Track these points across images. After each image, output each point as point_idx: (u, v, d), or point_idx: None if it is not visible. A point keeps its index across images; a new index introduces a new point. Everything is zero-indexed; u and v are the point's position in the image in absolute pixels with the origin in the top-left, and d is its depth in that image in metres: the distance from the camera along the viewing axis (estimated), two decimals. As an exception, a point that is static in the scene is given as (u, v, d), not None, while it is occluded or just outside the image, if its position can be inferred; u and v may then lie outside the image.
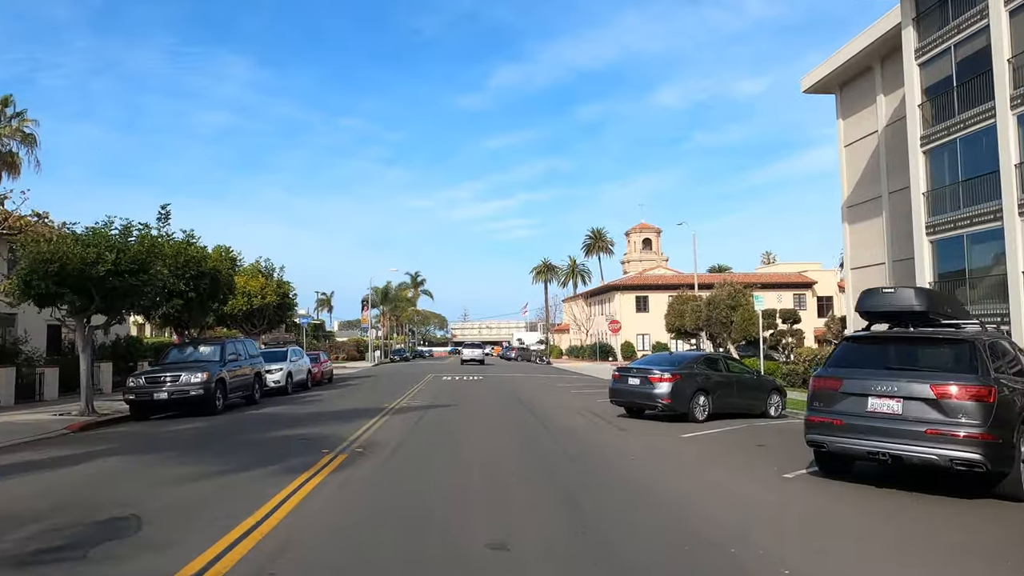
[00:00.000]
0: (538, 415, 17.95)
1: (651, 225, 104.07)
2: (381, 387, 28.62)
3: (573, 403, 21.59)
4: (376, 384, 31.39)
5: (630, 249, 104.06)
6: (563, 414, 18.11)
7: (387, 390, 27.00)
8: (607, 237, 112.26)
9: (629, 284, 63.86)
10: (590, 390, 27.35)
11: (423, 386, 29.15)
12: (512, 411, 19.20)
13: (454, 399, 22.92)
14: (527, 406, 20.60)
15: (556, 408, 19.86)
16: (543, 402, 22.15)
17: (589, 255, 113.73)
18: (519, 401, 22.53)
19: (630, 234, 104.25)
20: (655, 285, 64.10)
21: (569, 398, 23.70)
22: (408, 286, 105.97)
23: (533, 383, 32.97)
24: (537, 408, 19.91)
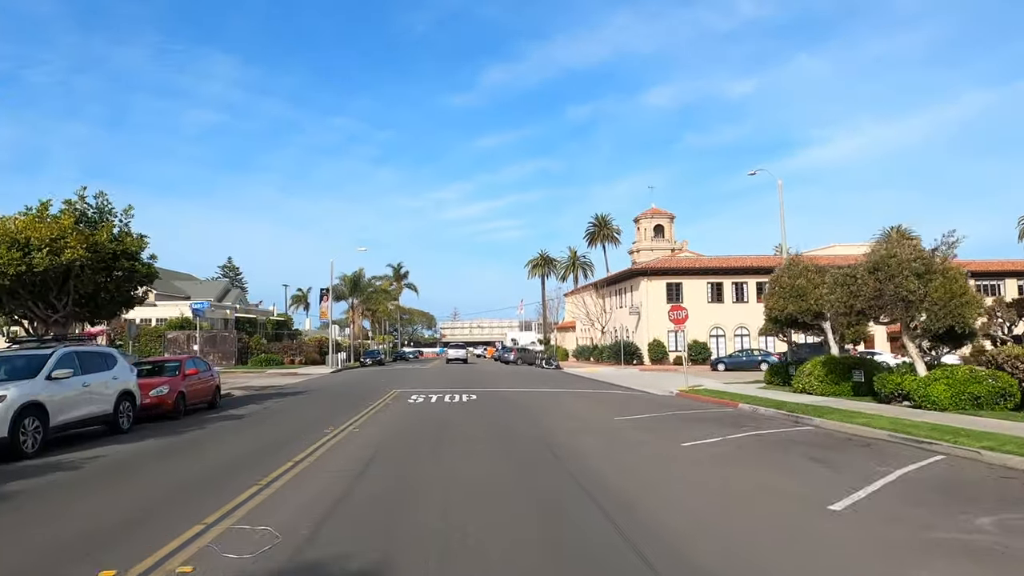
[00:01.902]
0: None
1: (663, 210, 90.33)
2: (264, 435, 14.10)
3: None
4: (274, 420, 16.87)
5: (639, 237, 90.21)
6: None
7: (264, 444, 12.76)
8: (613, 224, 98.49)
9: (658, 268, 49.68)
10: (704, 430, 13.81)
11: (357, 427, 14.90)
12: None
13: (393, 509, 8.90)
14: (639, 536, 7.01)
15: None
16: (663, 496, 8.45)
17: (593, 244, 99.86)
18: (582, 491, 8.52)
19: (640, 220, 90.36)
20: (691, 270, 49.88)
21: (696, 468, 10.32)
22: (390, 279, 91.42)
23: (562, 407, 19.85)
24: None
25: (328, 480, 8.65)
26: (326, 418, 16.11)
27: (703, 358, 48.32)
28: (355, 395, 23.73)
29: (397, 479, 8.79)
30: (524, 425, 14.74)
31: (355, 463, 9.89)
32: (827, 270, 21.79)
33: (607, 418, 16.28)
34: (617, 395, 24.20)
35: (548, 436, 12.97)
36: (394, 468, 9.63)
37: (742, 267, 49.87)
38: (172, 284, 67.21)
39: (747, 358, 43.34)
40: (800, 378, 22.07)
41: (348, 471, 9.22)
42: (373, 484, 8.45)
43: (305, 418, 16.57)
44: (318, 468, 9.57)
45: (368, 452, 11.05)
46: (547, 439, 12.54)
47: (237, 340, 49.44)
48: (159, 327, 51.08)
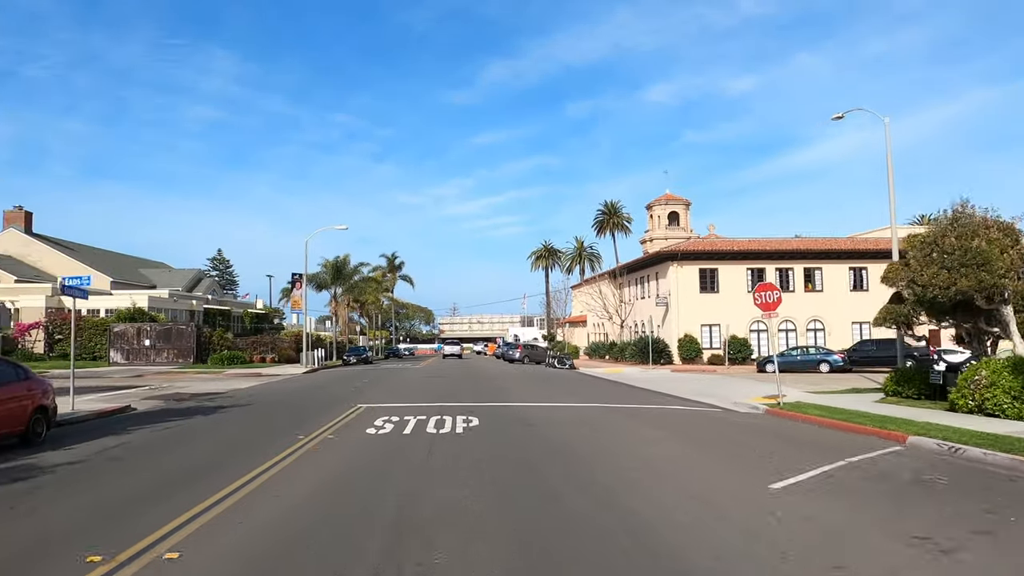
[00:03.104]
0: None
1: (679, 196, 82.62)
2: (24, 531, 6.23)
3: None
4: (96, 481, 8.82)
5: (652, 225, 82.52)
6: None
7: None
8: (623, 212, 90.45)
9: (690, 251, 41.78)
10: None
11: (227, 508, 6.92)
12: None
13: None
14: None
15: None
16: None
17: (601, 234, 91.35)
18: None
19: (653, 207, 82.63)
20: (728, 253, 41.96)
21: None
22: (383, 269, 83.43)
23: (633, 447, 11.83)
24: None
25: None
26: (206, 470, 8.34)
27: (743, 357, 40.48)
28: (301, 414, 15.83)
29: None
30: (592, 512, 6.86)
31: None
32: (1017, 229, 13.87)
33: (745, 483, 8.36)
34: (683, 415, 16.34)
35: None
36: None
37: (788, 251, 42.02)
38: (137, 272, 59.32)
39: (803, 357, 35.46)
40: (970, 391, 14.18)
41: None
42: None
43: (167, 472, 8.77)
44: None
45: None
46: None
47: (196, 334, 41.50)
48: (107, 319, 43.16)
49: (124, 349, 41.00)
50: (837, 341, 41.03)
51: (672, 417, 15.64)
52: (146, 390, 24.45)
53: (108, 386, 25.85)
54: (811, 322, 42.19)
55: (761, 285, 17.71)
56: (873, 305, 44.37)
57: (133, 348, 41.01)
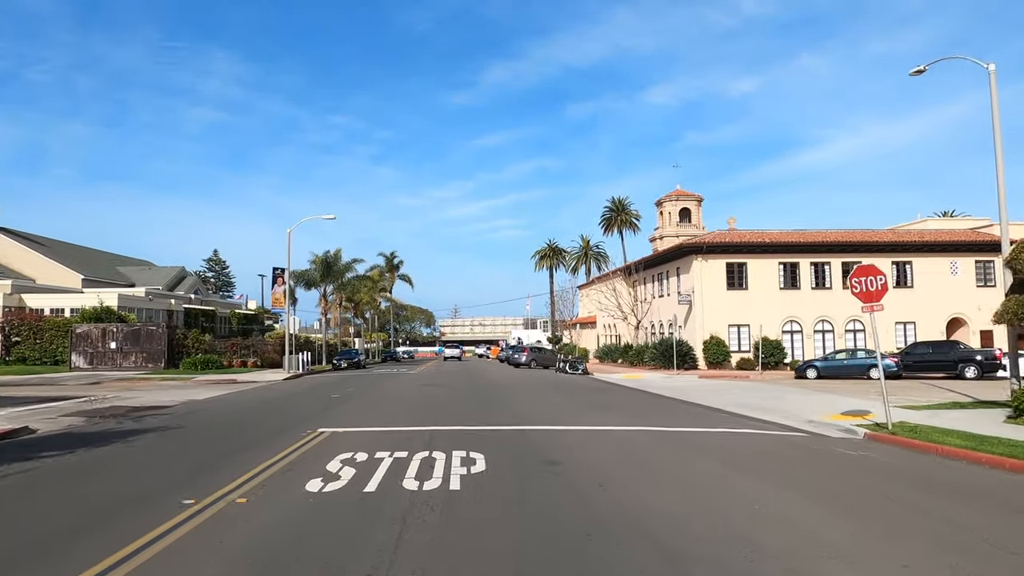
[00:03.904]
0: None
1: (690, 192, 78.25)
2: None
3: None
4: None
5: (662, 222, 78.16)
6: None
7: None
8: (631, 209, 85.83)
9: (716, 243, 37.13)
10: None
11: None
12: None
13: None
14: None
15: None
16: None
17: (609, 231, 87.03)
18: None
19: (663, 204, 78.19)
20: (758, 246, 37.36)
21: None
22: (381, 268, 78.97)
23: (762, 529, 7.40)
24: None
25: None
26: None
27: (776, 361, 35.85)
28: (233, 444, 11.28)
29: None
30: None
31: None
32: None
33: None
34: (764, 445, 11.75)
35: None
36: None
37: (824, 243, 37.44)
38: (115, 269, 54.81)
39: (850, 362, 30.83)
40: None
41: None
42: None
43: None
44: None
45: None
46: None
47: (168, 336, 36.93)
48: (71, 319, 38.63)
49: (88, 352, 36.46)
50: (863, 340, 36.44)
51: (752, 449, 11.06)
52: (80, 403, 19.94)
53: (42, 396, 21.36)
54: (849, 322, 37.60)
55: (860, 268, 13.14)
56: (918, 303, 40.16)
57: (98, 351, 36.46)
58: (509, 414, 15.62)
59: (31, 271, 45.98)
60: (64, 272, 46.35)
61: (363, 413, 15.80)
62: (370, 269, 71.00)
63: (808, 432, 13.34)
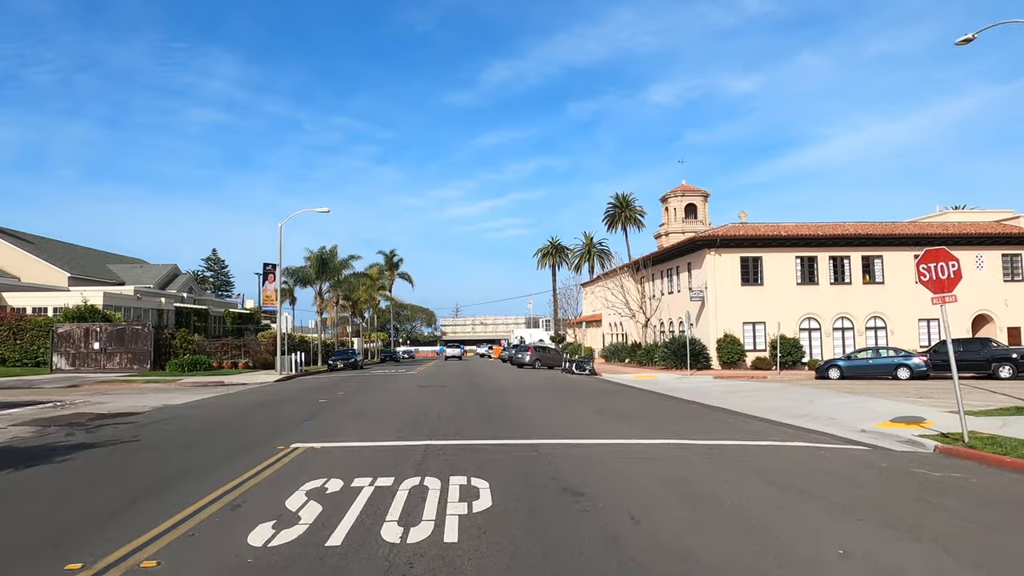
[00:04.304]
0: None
1: (696, 187, 76.22)
2: None
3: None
4: None
5: (667, 219, 76.13)
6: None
7: None
8: (636, 205, 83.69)
9: (729, 237, 35.11)
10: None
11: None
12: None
13: None
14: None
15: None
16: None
17: (613, 228, 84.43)
18: None
19: (668, 199, 76.13)
20: (774, 239, 35.35)
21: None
22: (381, 267, 77.01)
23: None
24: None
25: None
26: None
27: (793, 360, 33.86)
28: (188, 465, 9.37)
29: None
30: None
31: None
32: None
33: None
34: (824, 461, 9.77)
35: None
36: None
37: (843, 236, 35.41)
38: (105, 268, 52.88)
39: (875, 361, 28.85)
40: None
41: None
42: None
43: None
44: None
45: None
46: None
47: (154, 337, 34.99)
48: (54, 318, 36.71)
49: (69, 353, 34.51)
50: (900, 341, 34.46)
51: (808, 467, 9.08)
52: (42, 409, 18.06)
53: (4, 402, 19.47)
54: (870, 319, 35.59)
55: (930, 252, 11.29)
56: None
57: (80, 352, 34.51)
58: (516, 423, 13.66)
59: (16, 269, 44.06)
60: (50, 270, 44.44)
61: (349, 422, 13.84)
62: (369, 267, 69.03)
63: (866, 444, 11.38)
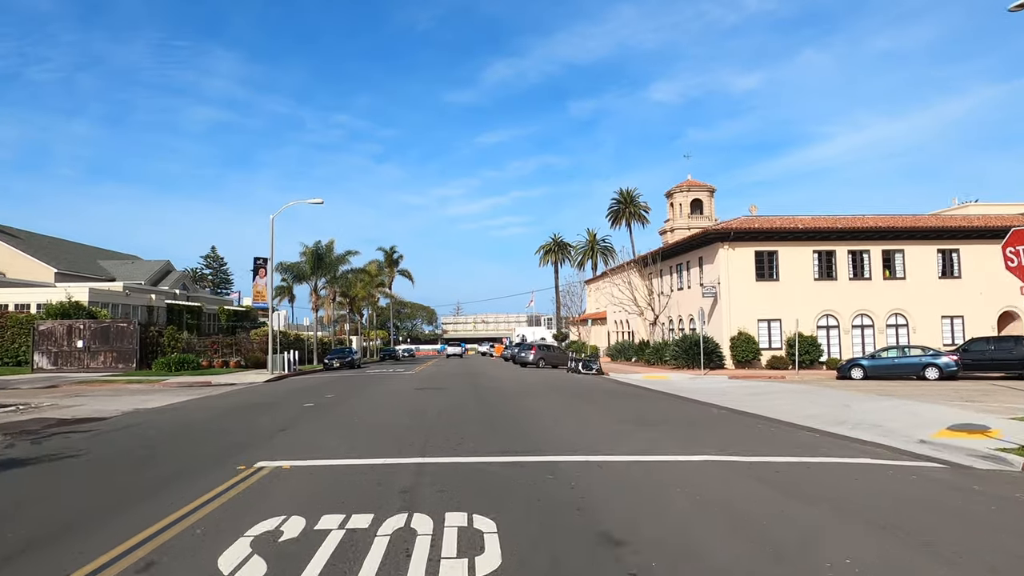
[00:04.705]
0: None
1: (701, 182, 74.37)
2: None
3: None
4: None
5: (672, 214, 74.31)
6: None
7: None
8: (640, 201, 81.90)
9: (743, 230, 33.28)
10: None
11: None
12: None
13: None
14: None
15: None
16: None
17: (616, 224, 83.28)
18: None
19: (673, 195, 74.30)
20: (790, 232, 33.53)
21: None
22: (380, 263, 75.36)
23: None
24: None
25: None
26: None
27: (811, 359, 32.07)
28: (130, 488, 7.62)
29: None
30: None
31: None
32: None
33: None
34: (884, 480, 7.86)
35: None
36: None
37: (862, 229, 33.58)
38: (95, 264, 51.15)
39: (901, 360, 27.07)
40: None
41: None
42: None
43: None
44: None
45: None
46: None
47: (141, 334, 33.23)
48: (37, 315, 34.97)
49: (51, 352, 32.76)
50: (922, 339, 32.66)
51: (881, 492, 7.29)
52: (5, 412, 16.39)
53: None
54: (891, 316, 33.78)
55: (1018, 233, 9.40)
56: (967, 295, 35.76)
57: (62, 351, 32.76)
58: (525, 433, 11.88)
59: (0, 265, 42.35)
60: (36, 266, 42.72)
61: (331, 432, 12.07)
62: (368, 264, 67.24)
63: (938, 460, 9.59)
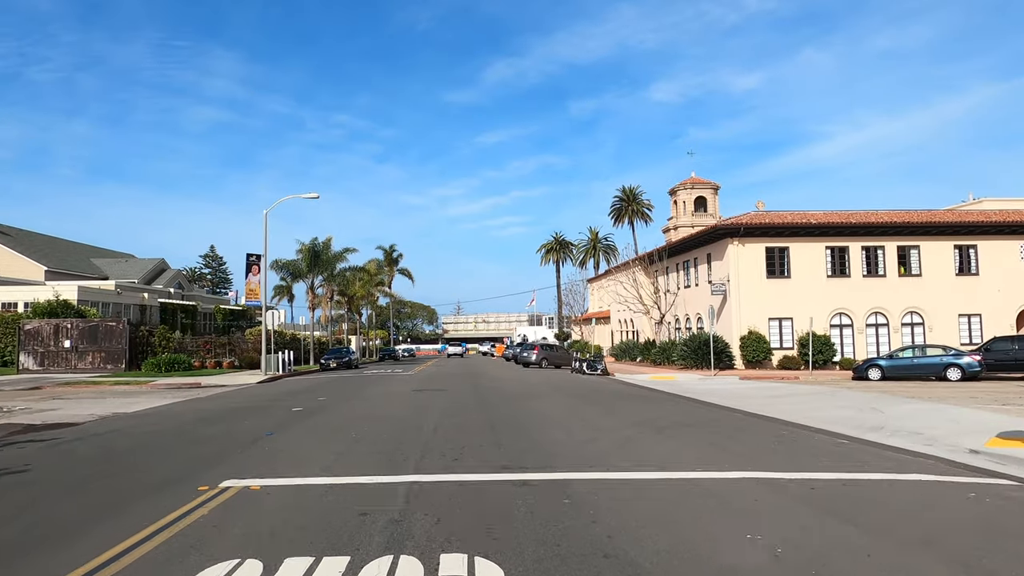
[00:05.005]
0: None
1: (705, 180, 73.11)
2: None
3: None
4: None
5: (676, 212, 73.02)
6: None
7: None
8: (643, 199, 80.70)
9: (754, 225, 32.07)
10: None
11: None
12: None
13: None
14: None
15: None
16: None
17: (619, 222, 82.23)
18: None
19: (676, 192, 73.01)
20: (801, 227, 32.29)
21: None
22: (380, 262, 74.18)
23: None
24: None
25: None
26: None
27: (824, 359, 30.84)
28: (63, 518, 6.38)
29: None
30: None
31: None
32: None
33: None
34: (957, 503, 6.61)
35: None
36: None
37: (876, 224, 32.38)
38: (88, 262, 49.97)
39: (921, 360, 25.86)
40: None
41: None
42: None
43: None
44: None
45: None
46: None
47: (130, 334, 32.05)
48: (25, 313, 33.80)
49: (38, 352, 31.59)
50: (938, 338, 31.44)
51: (961, 519, 6.06)
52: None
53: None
54: (906, 314, 32.56)
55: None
56: (985, 292, 32.74)
57: (49, 351, 31.59)
58: (532, 443, 10.67)
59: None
60: (25, 263, 41.55)
61: (315, 443, 10.86)
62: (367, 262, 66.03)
63: (999, 475, 8.38)
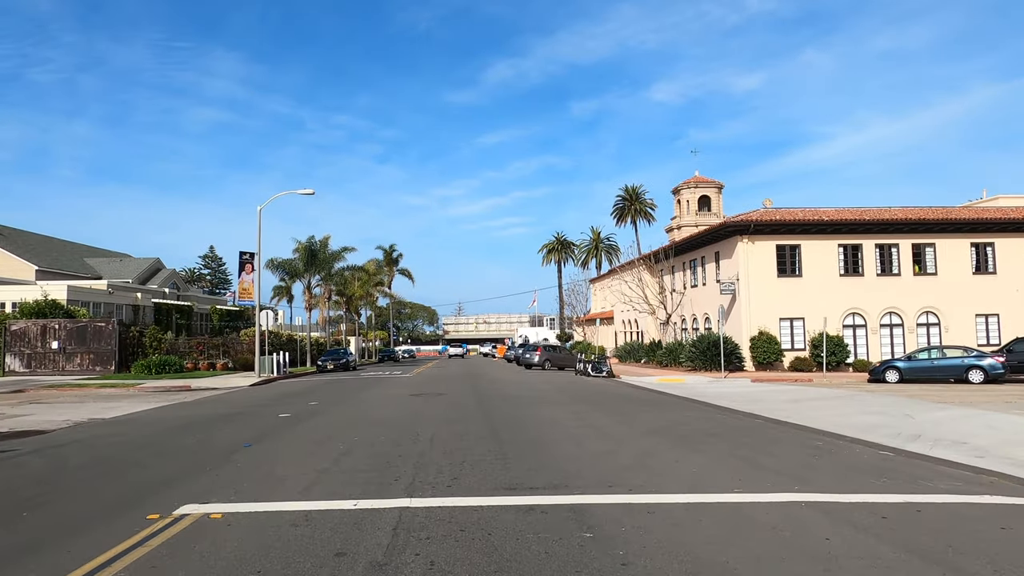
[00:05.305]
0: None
1: (709, 179, 72.00)
2: None
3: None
4: None
5: (680, 211, 71.87)
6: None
7: None
8: (646, 198, 79.50)
9: (764, 222, 30.92)
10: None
11: None
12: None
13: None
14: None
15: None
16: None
17: (622, 222, 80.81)
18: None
19: (680, 191, 71.87)
20: (813, 224, 31.14)
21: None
22: (380, 262, 73.08)
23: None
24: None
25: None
26: None
27: (838, 360, 29.70)
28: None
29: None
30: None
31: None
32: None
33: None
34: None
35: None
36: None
37: (891, 221, 31.21)
38: (81, 261, 48.87)
39: (941, 362, 24.72)
40: None
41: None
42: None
43: None
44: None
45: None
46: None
47: (119, 335, 30.94)
48: (12, 314, 32.70)
49: (25, 354, 30.50)
50: (955, 338, 30.29)
51: None
52: None
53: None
54: (922, 314, 31.40)
55: None
56: (1003, 291, 30.76)
57: (36, 352, 30.50)
58: (541, 457, 9.53)
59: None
60: (16, 263, 40.48)
61: (297, 456, 9.74)
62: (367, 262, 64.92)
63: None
